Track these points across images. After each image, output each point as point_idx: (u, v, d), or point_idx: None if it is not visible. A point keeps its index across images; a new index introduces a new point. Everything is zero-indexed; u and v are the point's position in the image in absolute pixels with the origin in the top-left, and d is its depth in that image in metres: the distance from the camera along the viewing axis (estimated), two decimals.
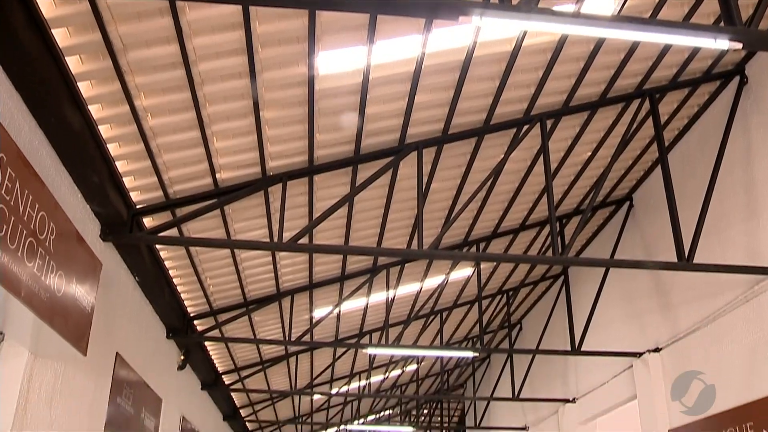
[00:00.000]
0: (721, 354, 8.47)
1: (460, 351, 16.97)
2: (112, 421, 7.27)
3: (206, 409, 13.71)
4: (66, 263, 4.97)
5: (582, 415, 12.76)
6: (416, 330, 14.75)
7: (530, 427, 15.90)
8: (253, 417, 18.24)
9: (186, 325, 10.23)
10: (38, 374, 5.30)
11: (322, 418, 21.61)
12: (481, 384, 19.98)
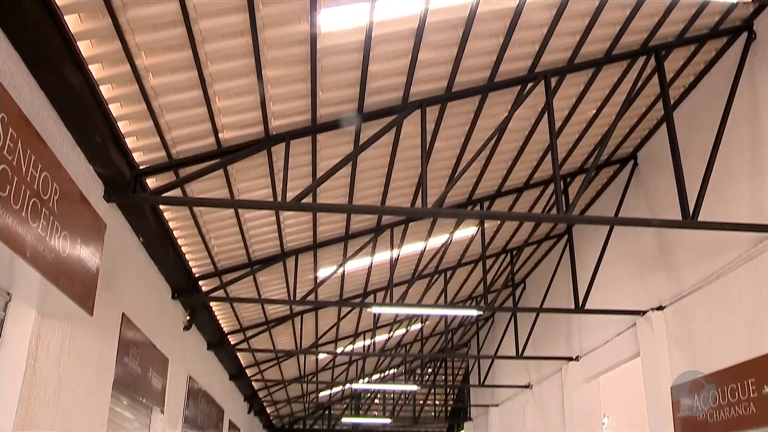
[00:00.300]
0: (724, 312, 8.51)
1: (464, 310, 17.08)
2: (119, 380, 7.36)
3: (212, 369, 13.86)
4: (70, 224, 4.99)
5: (585, 373, 12.89)
6: (420, 289, 14.82)
7: (534, 385, 16.07)
8: (259, 376, 18.44)
9: (191, 285, 10.30)
10: (46, 334, 5.35)
11: (328, 377, 21.85)
12: (485, 343, 20.14)
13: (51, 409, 5.49)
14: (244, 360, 16.42)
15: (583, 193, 7.50)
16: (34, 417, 5.20)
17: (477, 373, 20.61)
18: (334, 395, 26.90)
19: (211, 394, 13.32)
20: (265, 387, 20.77)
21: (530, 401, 16.22)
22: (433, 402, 27.91)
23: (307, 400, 25.34)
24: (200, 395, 12.25)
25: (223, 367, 15.09)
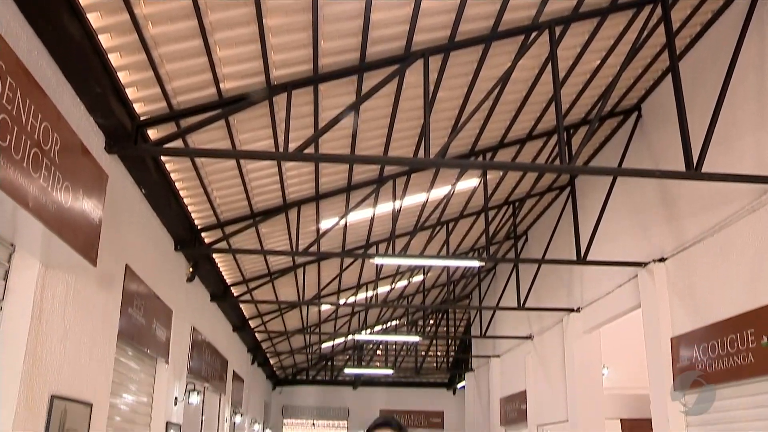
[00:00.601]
0: (725, 264, 8.54)
1: (467, 261, 17.18)
2: (124, 331, 7.43)
3: (216, 321, 13.99)
4: (72, 175, 4.98)
5: (586, 324, 13.00)
6: (422, 241, 14.86)
7: (535, 336, 16.22)
8: (262, 328, 18.60)
9: (194, 237, 10.33)
10: (50, 285, 5.39)
11: (330, 329, 22.05)
12: (486, 294, 20.27)
13: (58, 358, 5.56)
14: (247, 311, 16.56)
15: (586, 145, 7.46)
16: (42, 366, 5.27)
17: (478, 325, 20.80)
18: (336, 346, 27.20)
19: (215, 345, 13.47)
20: (268, 338, 20.97)
21: (531, 352, 16.39)
22: (435, 353, 28.21)
23: (310, 351, 25.67)
24: (204, 346, 12.39)
25: (226, 318, 15.23)
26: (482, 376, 21.63)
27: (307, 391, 30.19)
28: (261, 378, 24.45)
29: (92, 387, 6.41)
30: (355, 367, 28.01)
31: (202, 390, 12.10)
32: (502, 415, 18.93)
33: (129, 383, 8.35)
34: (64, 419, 5.69)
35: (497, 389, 19.51)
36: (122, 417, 8.09)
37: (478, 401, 22.22)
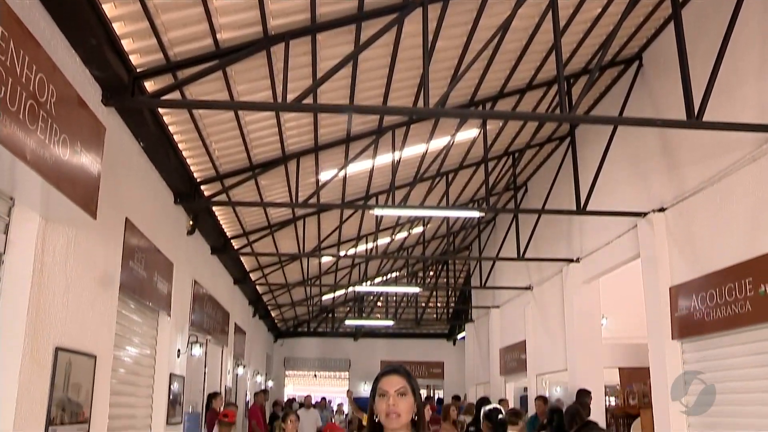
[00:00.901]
0: (725, 213, 8.55)
1: (466, 211, 17.20)
2: (125, 284, 7.47)
3: (217, 274, 14.06)
4: (69, 127, 4.95)
5: (585, 274, 13.08)
6: (422, 192, 14.85)
7: (534, 286, 16.34)
8: (263, 280, 18.71)
9: (193, 190, 10.31)
10: (51, 238, 5.40)
11: (331, 281, 22.18)
12: (486, 245, 20.34)
13: (60, 311, 5.60)
14: (247, 264, 16.64)
15: (586, 94, 7.40)
16: (45, 318, 5.31)
17: (478, 276, 20.92)
18: (337, 298, 27.39)
19: (216, 298, 13.56)
20: (269, 291, 21.11)
21: (531, 303, 16.54)
22: (435, 304, 28.45)
23: (311, 303, 25.87)
24: (206, 299, 12.47)
25: (227, 271, 15.31)
26: (482, 326, 21.85)
27: (309, 343, 30.51)
28: (263, 330, 24.68)
29: (96, 339, 6.47)
30: (355, 318, 28.27)
31: (204, 342, 12.21)
32: (502, 364, 19.17)
33: (132, 336, 8.42)
34: (69, 371, 5.76)
35: (497, 339, 19.72)
36: (126, 369, 8.18)
37: (477, 351, 22.48)
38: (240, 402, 17.44)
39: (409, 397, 3.23)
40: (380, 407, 3.22)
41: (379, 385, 3.26)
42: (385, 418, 3.19)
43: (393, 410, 3.18)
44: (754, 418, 7.95)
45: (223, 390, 14.55)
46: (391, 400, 3.19)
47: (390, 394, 3.21)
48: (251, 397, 19.38)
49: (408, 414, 3.21)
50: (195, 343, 11.00)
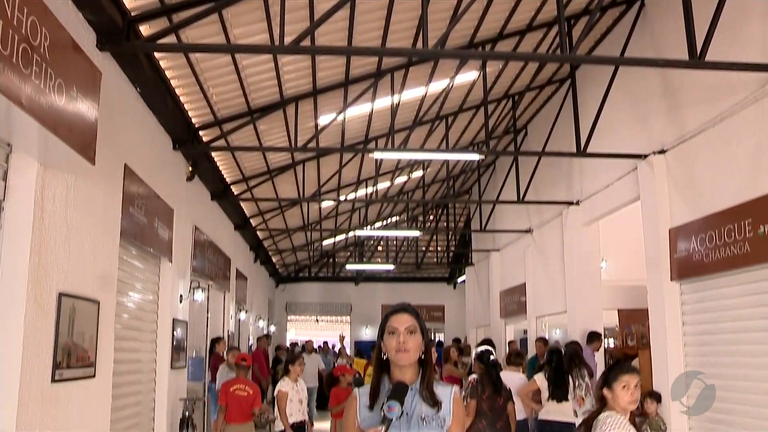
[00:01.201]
0: (726, 154, 8.53)
1: (466, 154, 17.14)
2: (126, 230, 7.48)
3: (217, 220, 14.10)
4: (64, 72, 4.89)
5: (585, 217, 13.11)
6: (422, 135, 14.79)
7: (534, 229, 16.39)
8: (264, 226, 18.78)
9: (191, 135, 10.27)
10: (50, 185, 5.39)
11: (331, 226, 22.26)
12: (486, 189, 20.34)
13: (62, 257, 5.62)
14: (248, 210, 16.68)
15: (587, 35, 7.30)
16: (47, 264, 5.34)
17: (478, 219, 20.96)
18: (337, 243, 27.54)
19: (217, 244, 13.62)
20: (269, 236, 21.20)
21: (530, 245, 16.61)
22: (435, 248, 28.59)
23: (312, 248, 25.98)
24: (207, 245, 12.53)
25: (227, 217, 15.35)
26: (482, 270, 21.99)
27: (310, 288, 30.77)
28: (264, 276, 24.86)
29: (98, 285, 6.51)
30: (356, 263, 28.43)
31: (206, 288, 12.31)
32: (502, 307, 19.35)
33: (134, 282, 8.48)
34: (73, 316, 5.81)
35: (497, 283, 19.86)
36: (130, 314, 8.26)
37: (478, 295, 22.67)
38: (243, 347, 17.66)
39: (418, 336, 3.30)
40: (390, 344, 3.28)
41: (389, 323, 3.33)
42: (395, 355, 3.25)
43: (403, 347, 3.25)
44: (749, 357, 8.07)
45: (225, 335, 14.73)
46: (401, 338, 3.26)
47: (400, 331, 3.27)
48: (254, 341, 19.62)
49: (416, 351, 3.28)
50: (197, 288, 11.09)
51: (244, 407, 9.29)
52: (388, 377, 3.34)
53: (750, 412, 8.00)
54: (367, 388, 3.38)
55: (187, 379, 10.86)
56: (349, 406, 3.40)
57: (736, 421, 8.23)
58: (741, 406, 8.18)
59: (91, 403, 6.34)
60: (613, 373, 4.66)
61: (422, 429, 3.21)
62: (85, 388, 6.15)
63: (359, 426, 3.31)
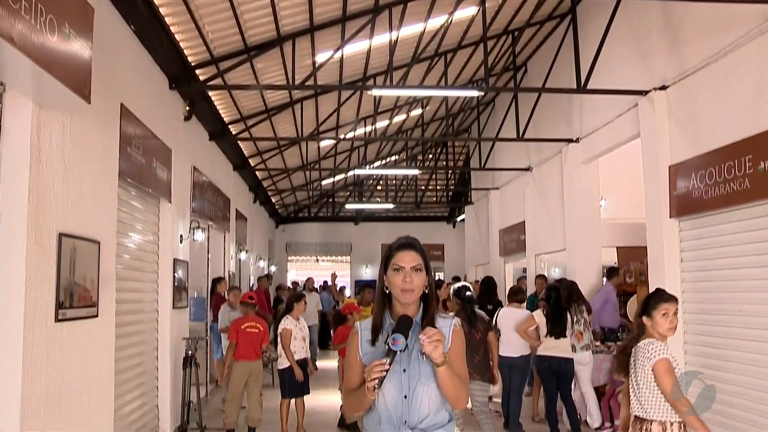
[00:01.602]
0: (728, 90, 8.44)
1: (465, 90, 17.01)
2: (125, 171, 7.46)
3: (216, 160, 14.05)
4: (55, 8, 4.78)
5: (585, 155, 13.07)
6: (420, 73, 14.63)
7: (533, 167, 16.36)
8: (262, 166, 18.74)
9: (188, 74, 10.15)
10: (46, 125, 5.35)
11: (330, 165, 22.21)
12: (485, 127, 20.23)
13: (61, 197, 5.62)
14: (246, 150, 16.61)
15: None
16: (46, 204, 5.34)
17: (477, 157, 20.89)
18: (337, 183, 27.52)
19: (216, 184, 13.59)
20: (269, 176, 21.17)
21: (530, 184, 16.61)
22: (435, 187, 28.59)
23: (311, 188, 25.98)
24: (206, 186, 12.51)
25: (226, 157, 15.29)
26: (481, 208, 22.04)
27: (310, 228, 30.88)
28: (264, 216, 24.91)
29: (98, 225, 6.52)
30: (356, 202, 28.44)
31: (206, 228, 12.34)
32: (501, 245, 19.45)
33: (134, 222, 8.49)
34: (74, 256, 5.83)
35: (496, 221, 19.92)
36: (131, 255, 8.29)
37: (477, 233, 22.77)
38: (244, 286, 17.80)
39: (423, 274, 3.30)
40: (395, 281, 3.28)
41: (394, 260, 3.31)
42: (400, 293, 3.26)
43: (408, 287, 3.25)
44: (746, 293, 8.14)
45: (226, 275, 14.83)
46: (407, 277, 3.25)
47: (406, 270, 3.26)
48: (255, 281, 19.78)
49: (421, 289, 3.29)
50: (197, 228, 11.12)
51: (255, 344, 9.47)
52: (390, 311, 3.35)
53: (744, 347, 8.12)
54: (368, 322, 3.39)
55: (189, 319, 10.97)
56: (351, 341, 3.42)
57: (731, 355, 8.35)
58: (736, 341, 8.29)
59: (95, 343, 6.41)
60: (653, 302, 4.84)
61: (422, 365, 3.22)
62: (88, 327, 6.22)
63: (361, 360, 3.33)
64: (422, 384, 3.18)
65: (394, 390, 3.21)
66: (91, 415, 6.25)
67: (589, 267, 13.13)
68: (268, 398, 11.34)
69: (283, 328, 9.41)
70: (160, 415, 9.34)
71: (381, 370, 3.04)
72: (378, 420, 3.27)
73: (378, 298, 3.38)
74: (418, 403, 3.16)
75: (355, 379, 3.34)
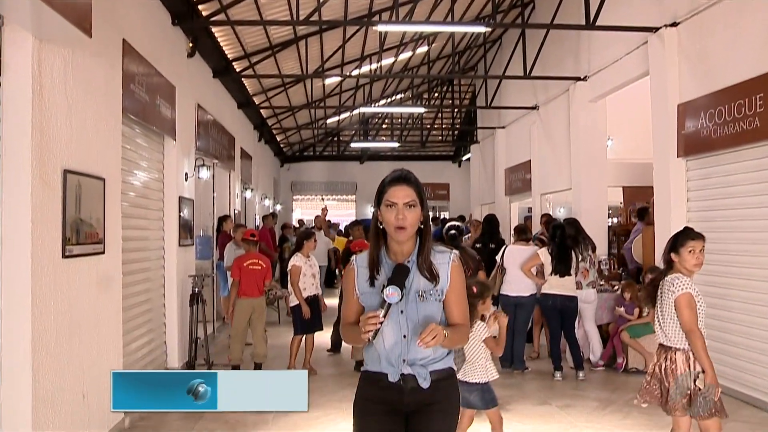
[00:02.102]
0: (740, 26, 8.29)
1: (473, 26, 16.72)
2: (128, 107, 7.41)
3: (220, 98, 13.94)
4: None
5: (592, 93, 12.91)
6: (427, 9, 14.38)
7: (540, 106, 16.19)
8: (267, 104, 18.60)
9: (190, 9, 10.00)
10: (47, 59, 5.29)
11: (335, 103, 22.04)
12: (492, 65, 19.96)
13: (65, 133, 5.60)
14: (250, 88, 16.47)
15: None
16: (50, 141, 5.32)
17: (484, 96, 20.65)
18: (342, 121, 27.33)
19: (220, 122, 13.50)
20: (273, 115, 21.05)
21: (536, 122, 16.47)
22: (440, 125, 28.38)
23: (316, 126, 25.82)
24: (210, 124, 12.43)
25: (230, 95, 15.15)
26: (487, 147, 21.92)
27: (315, 167, 30.81)
28: (269, 155, 24.84)
29: (103, 162, 6.51)
30: (361, 141, 28.29)
31: (211, 166, 12.31)
32: (507, 185, 19.41)
33: (139, 160, 8.48)
34: (79, 193, 5.84)
35: (502, 160, 19.83)
36: (136, 192, 8.31)
37: (483, 172, 22.70)
38: (249, 225, 17.86)
39: (417, 209, 3.23)
40: (388, 218, 3.22)
41: (387, 196, 3.25)
42: (393, 231, 3.20)
43: (401, 223, 3.18)
44: (752, 233, 8.14)
45: (232, 213, 14.86)
46: (400, 213, 3.18)
47: (399, 206, 3.19)
48: (260, 220, 19.83)
49: (415, 225, 3.23)
50: (202, 166, 11.09)
51: (258, 281, 9.53)
52: (386, 248, 3.31)
53: (749, 286, 8.16)
54: (365, 257, 3.34)
55: (196, 257, 11.04)
56: (348, 276, 3.38)
57: (735, 295, 8.40)
58: (740, 280, 8.33)
59: (103, 278, 6.46)
60: (681, 239, 5.13)
61: (419, 305, 3.21)
62: (95, 264, 6.27)
63: (358, 298, 3.33)
64: (421, 325, 3.16)
65: (392, 332, 3.21)
66: (101, 350, 6.35)
67: (594, 206, 13.09)
68: (274, 335, 11.50)
69: (293, 265, 9.46)
70: (168, 351, 9.50)
71: (375, 323, 3.04)
72: (377, 356, 3.29)
73: (372, 235, 3.33)
74: (417, 342, 3.12)
75: (351, 314, 3.34)
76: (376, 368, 3.28)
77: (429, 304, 3.22)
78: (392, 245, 3.28)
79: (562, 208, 15.96)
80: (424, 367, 3.22)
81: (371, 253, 3.31)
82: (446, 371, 3.31)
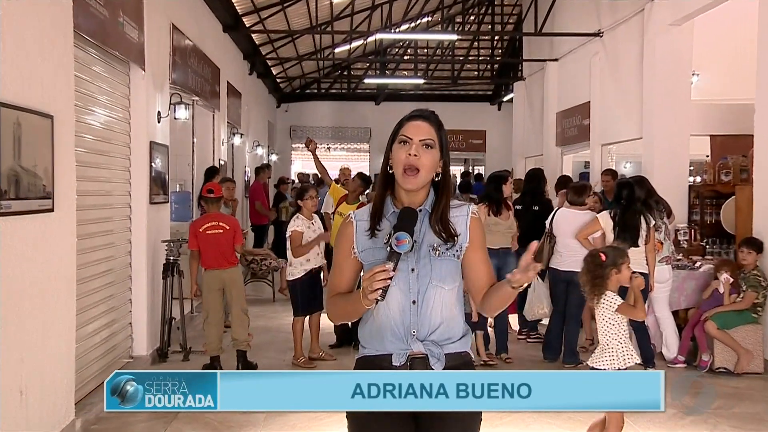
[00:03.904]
0: None
1: None
2: (82, 26, 7.16)
3: (201, 17, 13.74)
4: None
5: (675, 14, 12.53)
6: None
7: (605, 32, 15.88)
8: (260, 27, 18.43)
9: None
10: None
11: (346, 27, 21.83)
12: None
13: None
14: (239, 5, 16.26)
15: None
16: None
17: (532, 19, 20.29)
18: (354, 51, 27.13)
19: (202, 48, 13.30)
20: (268, 41, 20.92)
21: (599, 53, 16.19)
22: (477, 57, 28.13)
23: (322, 56, 25.62)
24: (189, 50, 12.24)
25: (214, 15, 14.94)
26: (535, 85, 21.73)
27: (320, 108, 30.77)
28: (263, 92, 24.76)
29: (50, 95, 6.30)
30: (377, 76, 28.07)
31: (190, 104, 12.12)
32: (559, 132, 19.26)
33: (98, 94, 8.28)
34: (18, 133, 5.64)
35: (553, 102, 19.68)
36: (95, 135, 8.12)
37: (528, 117, 22.57)
38: (238, 179, 17.73)
39: (436, 152, 3.21)
40: (398, 157, 3.19)
41: (402, 131, 3.23)
42: (401, 174, 3.17)
43: (412, 162, 3.15)
44: None
45: (217, 164, 14.70)
46: (413, 149, 3.15)
47: (413, 143, 3.16)
48: (251, 173, 19.71)
49: (430, 172, 3.20)
50: (179, 104, 10.91)
51: (224, 248, 8.99)
52: (393, 198, 3.29)
53: None
54: (365, 210, 3.34)
55: (171, 219, 10.91)
56: (343, 234, 3.37)
57: None
58: None
59: (51, 242, 6.30)
60: None
61: (434, 262, 3.19)
62: (41, 224, 6.09)
63: (356, 256, 3.30)
64: (434, 286, 3.17)
65: (400, 294, 3.18)
66: (46, 334, 6.18)
67: (672, 161, 12.78)
68: (267, 316, 11.41)
69: (293, 230, 9.17)
70: (134, 335, 9.34)
71: (385, 278, 2.97)
72: (378, 331, 3.24)
73: (380, 180, 3.33)
74: (429, 310, 3.15)
75: (343, 281, 3.34)
76: (376, 351, 3.27)
77: (446, 262, 3.21)
78: (401, 196, 3.26)
79: (629, 163, 15.77)
80: (438, 346, 3.21)
81: (376, 202, 3.31)
82: (464, 357, 3.31)
